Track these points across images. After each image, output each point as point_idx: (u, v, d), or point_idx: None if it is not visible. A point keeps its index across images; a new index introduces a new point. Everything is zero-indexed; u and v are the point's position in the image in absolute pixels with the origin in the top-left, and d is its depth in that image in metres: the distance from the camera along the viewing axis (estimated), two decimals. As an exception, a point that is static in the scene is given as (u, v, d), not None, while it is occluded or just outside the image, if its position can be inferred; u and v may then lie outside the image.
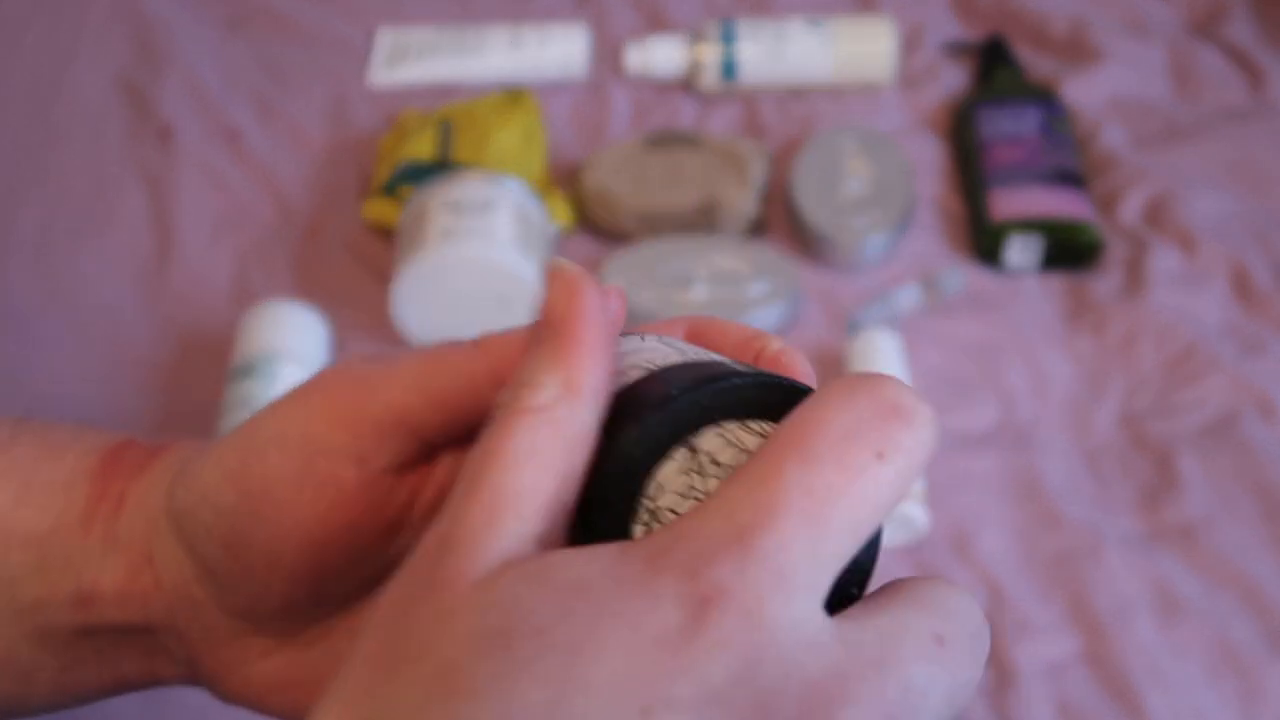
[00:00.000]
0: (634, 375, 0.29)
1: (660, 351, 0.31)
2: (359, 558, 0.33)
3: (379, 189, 0.85)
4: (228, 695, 0.36)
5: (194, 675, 0.36)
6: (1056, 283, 0.82)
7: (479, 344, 0.32)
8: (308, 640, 0.35)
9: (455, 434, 0.32)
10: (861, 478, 0.25)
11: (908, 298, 0.81)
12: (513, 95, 0.90)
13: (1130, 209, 0.85)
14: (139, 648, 0.36)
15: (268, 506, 0.32)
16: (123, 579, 0.35)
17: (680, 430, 0.28)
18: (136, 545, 0.35)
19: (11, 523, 0.35)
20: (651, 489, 0.28)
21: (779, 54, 0.93)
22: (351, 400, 0.32)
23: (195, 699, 0.65)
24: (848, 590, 0.29)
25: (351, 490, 0.32)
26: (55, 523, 0.35)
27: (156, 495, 0.35)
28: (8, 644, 0.35)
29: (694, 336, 0.34)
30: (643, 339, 0.32)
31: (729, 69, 0.93)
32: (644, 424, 0.27)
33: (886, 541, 0.70)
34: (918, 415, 0.26)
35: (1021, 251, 0.82)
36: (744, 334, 0.33)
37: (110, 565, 0.35)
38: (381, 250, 0.85)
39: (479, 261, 0.76)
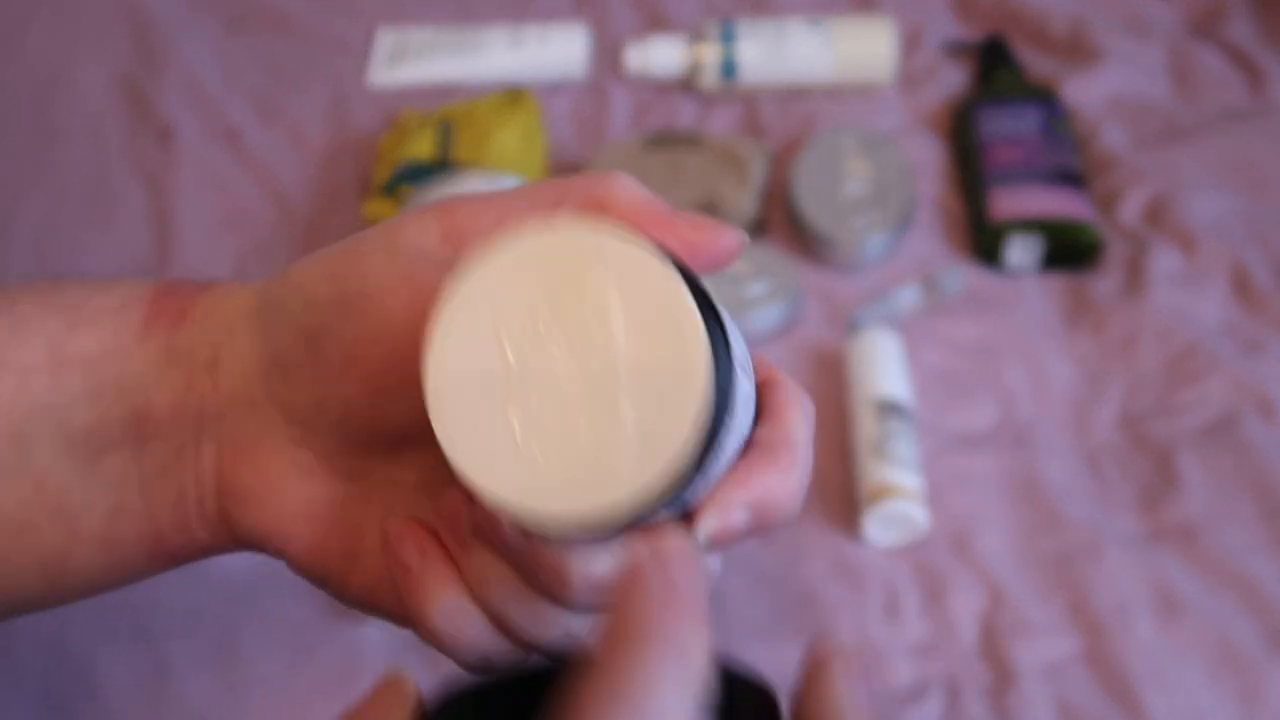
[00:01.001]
0: None
1: None
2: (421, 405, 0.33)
3: (379, 189, 0.86)
4: (253, 523, 0.35)
5: (223, 516, 0.36)
6: (1056, 283, 0.82)
7: (602, 175, 0.33)
8: (348, 473, 0.34)
9: None
10: None
11: (908, 298, 0.81)
12: (513, 95, 0.90)
13: (1130, 209, 0.85)
14: (177, 479, 0.35)
15: (361, 302, 0.31)
16: (180, 390, 0.35)
17: None
18: (199, 353, 0.35)
19: (65, 349, 0.35)
20: None
21: (779, 54, 0.93)
22: (466, 214, 0.32)
23: (195, 698, 0.66)
24: None
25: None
26: (111, 343, 0.35)
27: (230, 302, 0.35)
28: (60, 481, 0.35)
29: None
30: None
31: (729, 69, 0.93)
32: None
33: (889, 543, 0.70)
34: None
35: (1021, 251, 0.82)
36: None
37: (167, 379, 0.35)
38: (381, 250, 0.85)
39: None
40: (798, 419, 0.33)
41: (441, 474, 0.33)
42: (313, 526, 0.35)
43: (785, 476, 0.32)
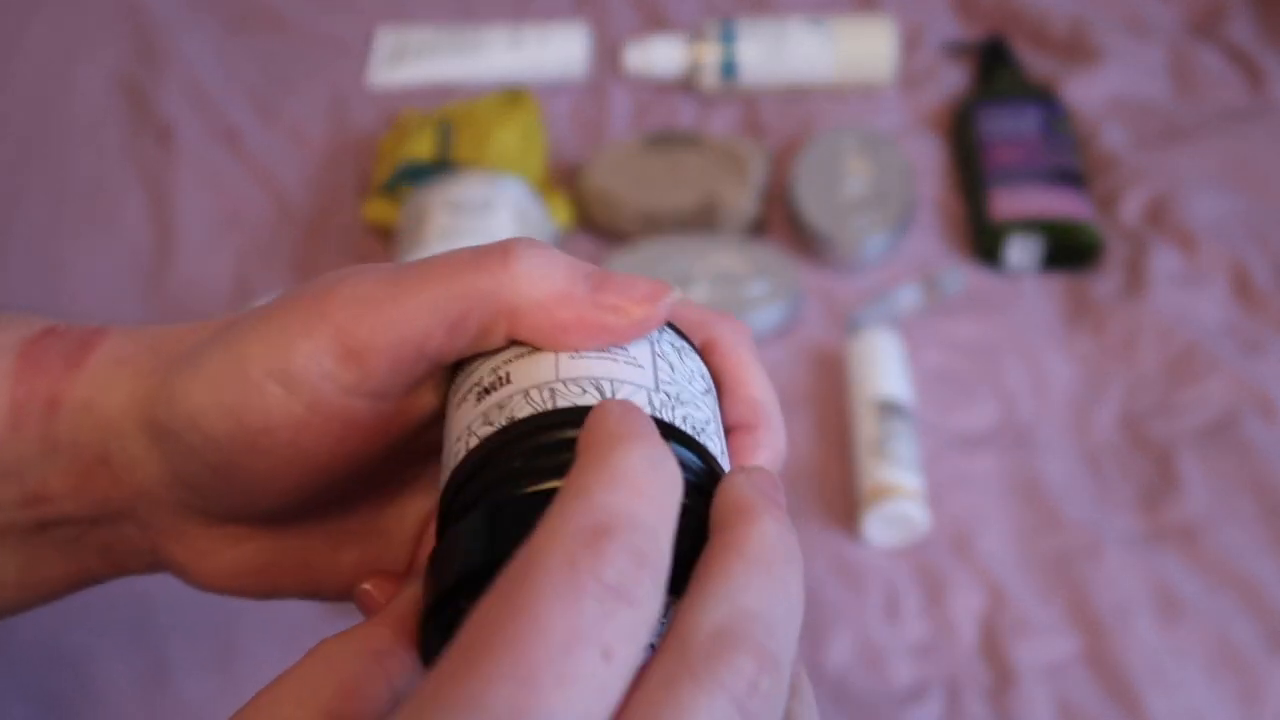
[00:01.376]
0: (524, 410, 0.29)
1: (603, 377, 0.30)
2: (359, 476, 0.32)
3: (379, 189, 0.85)
4: (196, 583, 0.34)
5: (159, 565, 0.35)
6: (1056, 283, 0.82)
7: (508, 263, 0.29)
8: (282, 530, 0.34)
9: (470, 354, 0.30)
10: (584, 691, 0.22)
11: (908, 298, 0.81)
12: (513, 95, 0.90)
13: (1130, 209, 0.85)
14: (100, 540, 0.34)
15: (268, 441, 0.30)
16: (74, 480, 0.33)
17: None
18: (86, 448, 0.32)
19: None
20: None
21: (779, 54, 0.93)
22: (364, 331, 0.29)
23: (195, 698, 0.66)
24: None
25: (362, 423, 0.30)
26: None
27: (110, 398, 0.32)
28: None
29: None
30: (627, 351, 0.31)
31: (729, 69, 0.93)
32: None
33: (889, 543, 0.70)
34: (637, 599, 0.23)
35: (1021, 251, 0.82)
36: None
37: (56, 467, 0.32)
38: (381, 250, 0.85)
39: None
40: (754, 377, 0.33)
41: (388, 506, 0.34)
42: (260, 578, 0.34)
43: (772, 449, 0.33)
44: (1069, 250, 0.82)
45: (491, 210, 0.78)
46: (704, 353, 0.34)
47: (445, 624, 0.27)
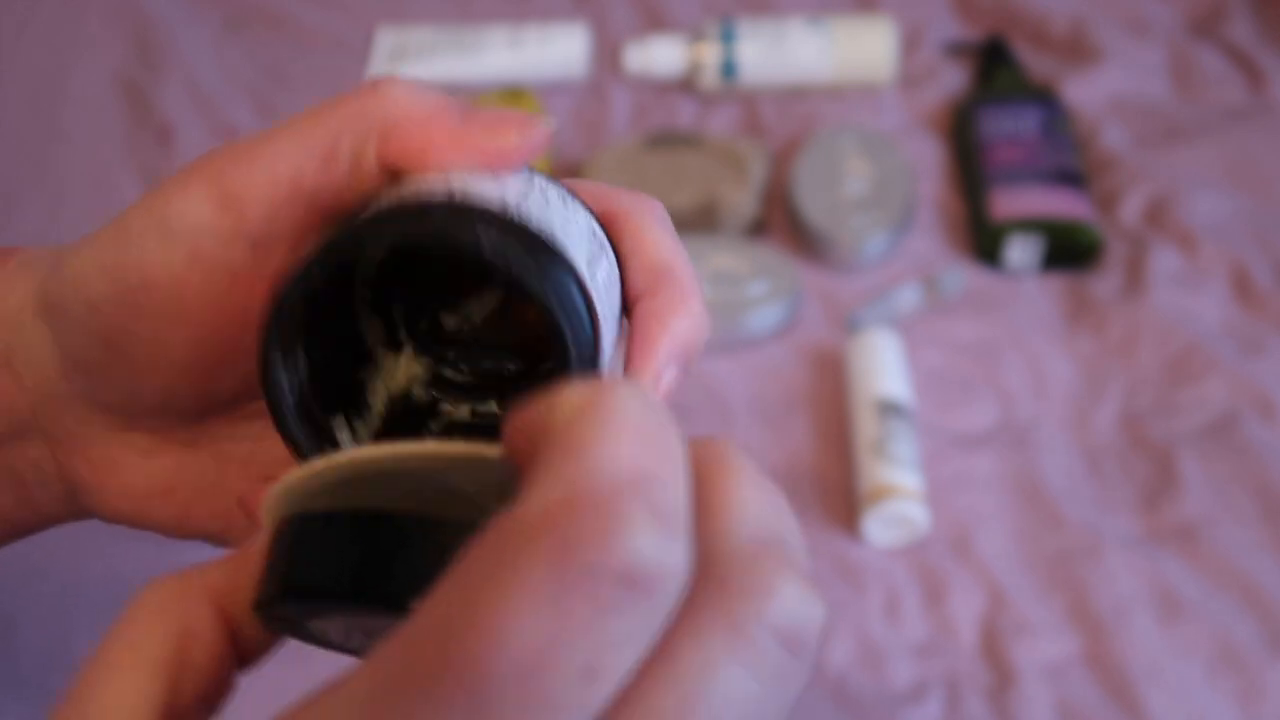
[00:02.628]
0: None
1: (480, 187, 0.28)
2: (249, 345, 0.30)
3: (379, 189, 0.85)
4: (108, 509, 0.33)
5: (71, 496, 0.33)
6: (1056, 283, 0.82)
7: (378, 87, 0.29)
8: (190, 441, 0.32)
9: (347, 198, 0.29)
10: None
11: (908, 298, 0.81)
12: (513, 95, 0.90)
13: (1130, 209, 0.85)
14: (5, 465, 0.33)
15: (149, 298, 0.29)
16: None
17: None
18: None
19: None
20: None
21: (779, 54, 0.93)
22: (236, 176, 0.28)
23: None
24: None
25: (245, 274, 0.29)
26: None
27: (11, 295, 0.32)
28: None
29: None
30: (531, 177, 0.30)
31: (729, 69, 0.93)
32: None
33: (889, 543, 0.70)
34: (660, 579, 0.18)
35: (1021, 251, 0.82)
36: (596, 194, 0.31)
37: None
38: (381, 250, 0.85)
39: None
40: (656, 242, 0.30)
41: None
42: (170, 500, 0.32)
43: (683, 316, 0.29)
44: (1069, 250, 0.82)
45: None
46: (605, 223, 0.31)
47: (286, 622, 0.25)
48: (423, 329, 0.31)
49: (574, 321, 0.26)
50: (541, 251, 0.26)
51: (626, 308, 0.30)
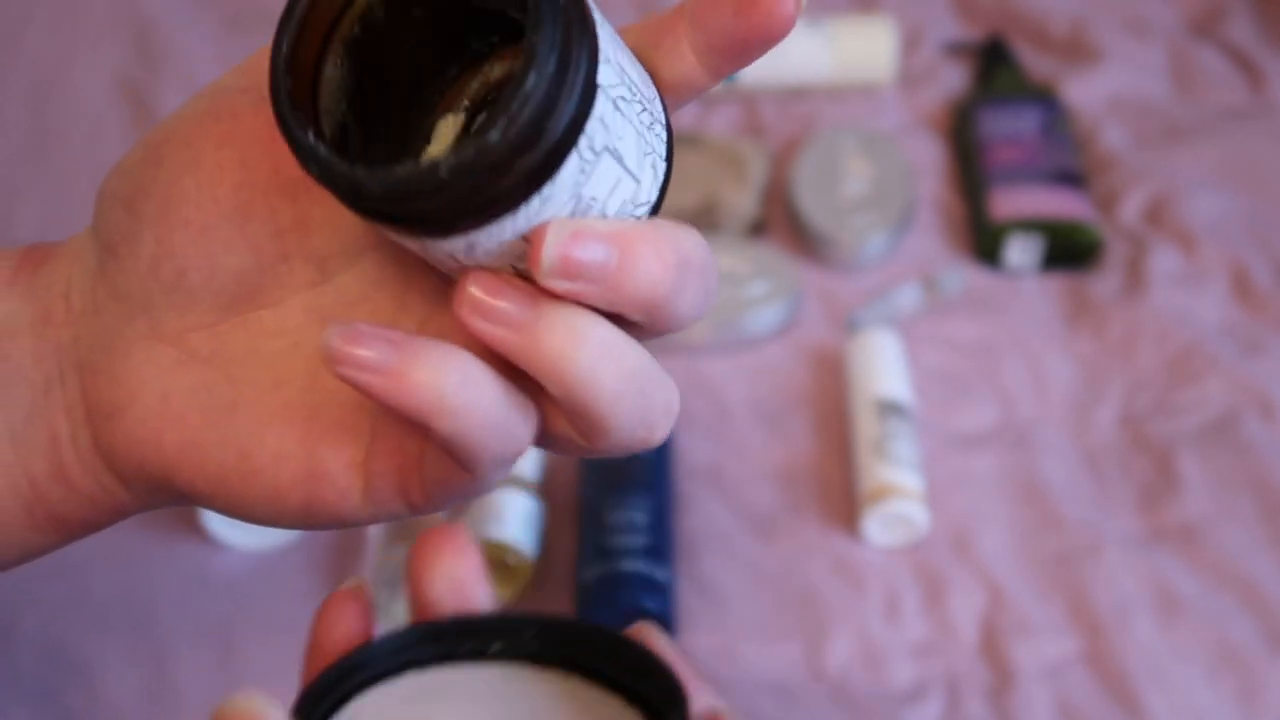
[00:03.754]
0: None
1: None
2: (251, 206, 0.31)
3: (379, 189, 0.85)
4: (129, 437, 0.32)
5: (95, 451, 0.33)
6: (1056, 283, 0.82)
7: None
8: (211, 357, 0.32)
9: None
10: None
11: (908, 298, 0.81)
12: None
13: (1130, 209, 0.85)
14: (45, 425, 0.33)
15: (168, 148, 0.32)
16: (38, 325, 0.33)
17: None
18: (57, 284, 0.34)
19: None
20: None
21: (779, 54, 0.93)
22: (259, 55, 0.32)
23: (195, 697, 0.66)
24: None
25: (247, 116, 0.31)
26: None
27: (84, 236, 0.35)
28: None
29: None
30: None
31: (729, 69, 0.93)
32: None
33: (889, 543, 0.70)
34: None
35: (1021, 251, 0.82)
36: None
37: (26, 317, 0.34)
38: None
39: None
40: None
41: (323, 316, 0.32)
42: (182, 427, 0.32)
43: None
44: (1069, 250, 0.82)
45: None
46: None
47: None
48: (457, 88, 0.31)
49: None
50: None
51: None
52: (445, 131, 0.31)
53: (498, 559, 0.67)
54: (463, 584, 0.32)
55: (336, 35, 0.29)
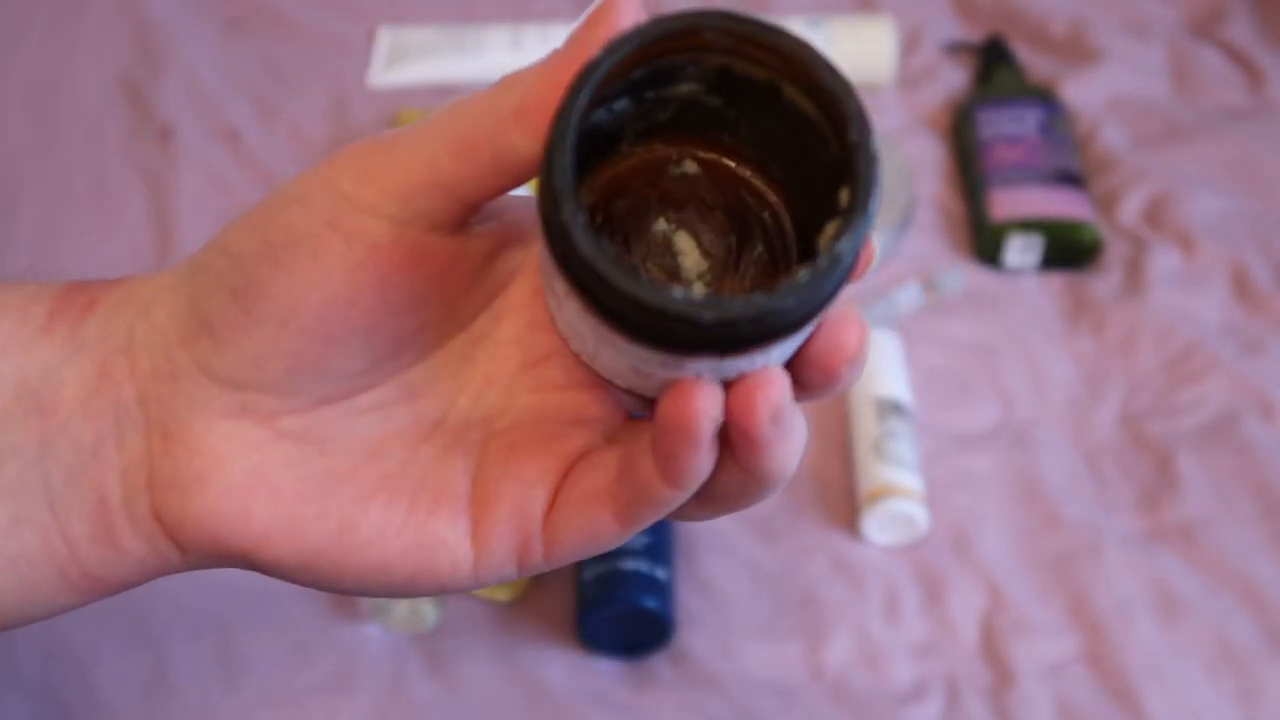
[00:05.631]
0: None
1: None
2: (380, 323, 0.30)
3: (379, 189, 0.85)
4: (206, 511, 0.31)
5: (155, 519, 0.32)
6: (1056, 282, 0.82)
7: (501, 83, 0.29)
8: (300, 436, 0.31)
9: (491, 187, 0.30)
10: None
11: (908, 298, 0.81)
12: (513, 95, 0.90)
13: (1130, 209, 0.85)
14: (93, 487, 0.32)
15: (291, 255, 0.30)
16: (90, 379, 0.31)
17: None
18: (112, 337, 0.32)
19: None
20: None
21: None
22: (376, 160, 0.30)
23: (195, 698, 0.66)
24: None
25: (385, 246, 0.29)
26: (7, 335, 0.32)
27: (148, 284, 0.33)
28: None
29: None
30: None
31: (729, 69, 0.93)
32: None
33: (889, 542, 0.70)
34: None
35: (1021, 251, 0.82)
36: None
37: (74, 368, 0.31)
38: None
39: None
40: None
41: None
42: (275, 501, 0.31)
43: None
44: (1068, 250, 0.82)
45: (491, 210, 0.78)
46: None
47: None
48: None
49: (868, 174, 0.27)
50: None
51: None
52: (688, 249, 0.31)
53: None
54: None
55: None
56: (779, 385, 0.28)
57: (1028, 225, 0.82)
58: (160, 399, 0.31)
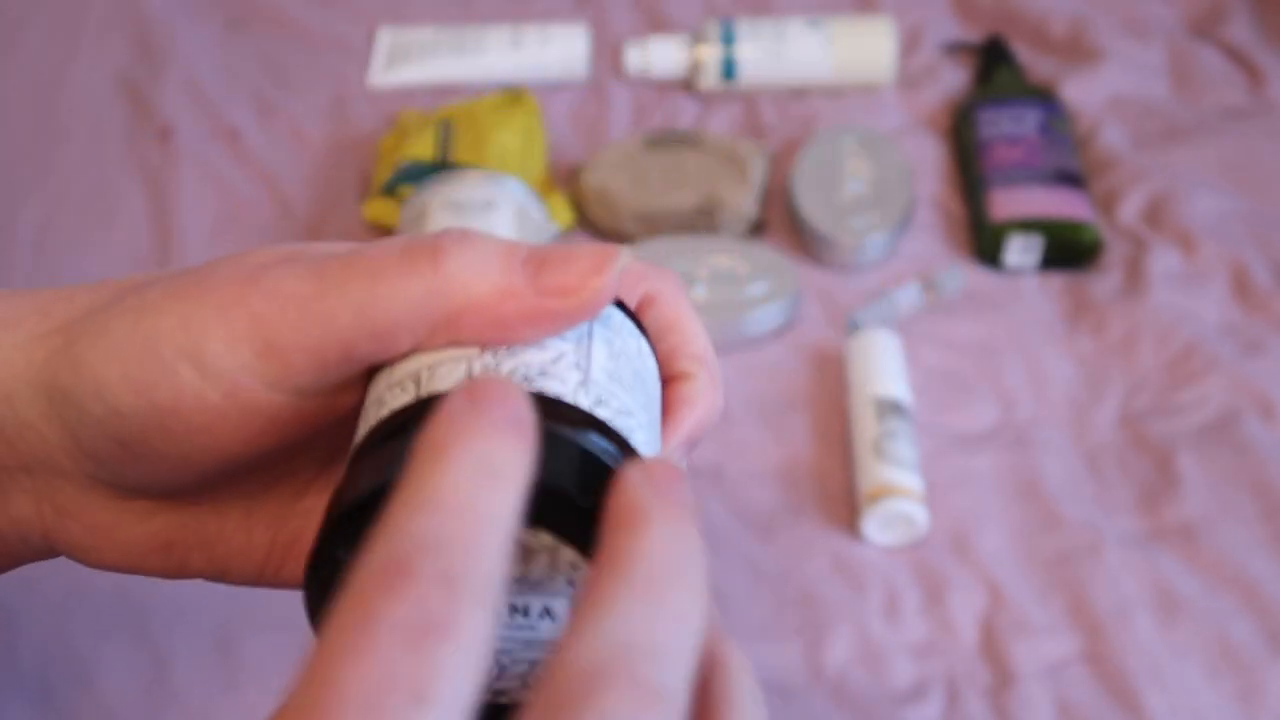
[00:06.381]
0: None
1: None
2: (278, 464, 0.31)
3: (379, 189, 0.85)
4: (93, 563, 0.32)
5: (51, 548, 0.32)
6: (1056, 282, 0.82)
7: (439, 265, 0.27)
8: (192, 501, 0.32)
9: (398, 357, 0.28)
10: None
11: (908, 298, 0.81)
12: (513, 95, 0.90)
13: (1130, 209, 0.85)
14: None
15: (179, 425, 0.28)
16: None
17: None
18: None
19: None
20: None
21: (779, 54, 0.93)
22: (282, 330, 0.27)
23: (195, 697, 0.66)
24: None
25: (284, 418, 0.28)
26: None
27: (24, 368, 0.30)
28: None
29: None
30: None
31: (729, 69, 0.93)
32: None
33: (889, 542, 0.70)
34: (460, 620, 0.20)
35: (1021, 251, 0.82)
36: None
37: None
38: (381, 250, 0.85)
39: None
40: (695, 331, 0.32)
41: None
42: (168, 554, 0.32)
43: (708, 402, 0.31)
44: (1069, 250, 0.82)
45: (492, 210, 0.78)
46: (643, 306, 0.32)
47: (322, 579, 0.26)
48: None
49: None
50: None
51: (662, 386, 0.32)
52: None
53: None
54: None
55: None
56: None
57: (1028, 225, 0.82)
58: (46, 482, 0.31)
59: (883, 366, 0.75)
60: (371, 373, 0.29)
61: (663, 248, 0.82)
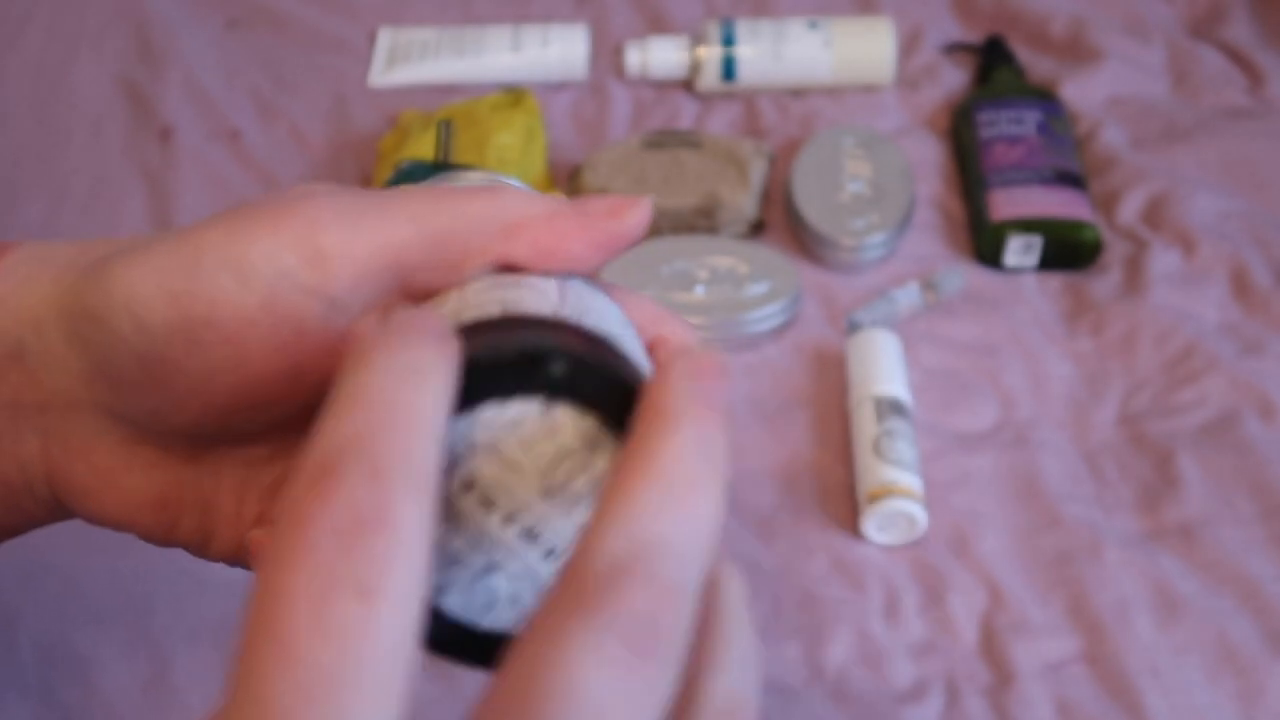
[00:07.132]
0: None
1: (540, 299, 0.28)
2: (293, 396, 0.30)
3: (379, 189, 0.85)
4: (96, 514, 0.32)
5: (55, 499, 0.33)
6: (1056, 282, 0.82)
7: (494, 191, 0.29)
8: (192, 458, 0.32)
9: (434, 285, 0.29)
10: (347, 636, 0.20)
11: (907, 298, 0.81)
12: (513, 95, 0.90)
13: (1130, 209, 0.85)
14: None
15: (209, 334, 0.28)
16: None
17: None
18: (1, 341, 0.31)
19: None
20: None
21: (779, 54, 0.93)
22: (334, 236, 0.28)
23: (195, 698, 0.66)
24: None
25: (312, 332, 0.28)
26: None
27: (28, 289, 0.30)
28: None
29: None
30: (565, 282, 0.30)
31: (729, 69, 0.93)
32: None
33: (886, 542, 0.70)
34: (394, 512, 0.21)
35: (1021, 251, 0.82)
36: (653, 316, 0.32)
37: None
38: (381, 250, 0.85)
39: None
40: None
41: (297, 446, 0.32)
42: (161, 512, 0.32)
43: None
44: (1068, 250, 0.82)
45: (491, 210, 0.78)
46: (654, 346, 0.32)
47: None
48: None
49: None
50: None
51: None
52: None
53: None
54: None
55: None
56: None
57: (1028, 225, 0.82)
58: (60, 418, 0.31)
59: (882, 366, 0.75)
60: None
61: (663, 248, 0.82)
